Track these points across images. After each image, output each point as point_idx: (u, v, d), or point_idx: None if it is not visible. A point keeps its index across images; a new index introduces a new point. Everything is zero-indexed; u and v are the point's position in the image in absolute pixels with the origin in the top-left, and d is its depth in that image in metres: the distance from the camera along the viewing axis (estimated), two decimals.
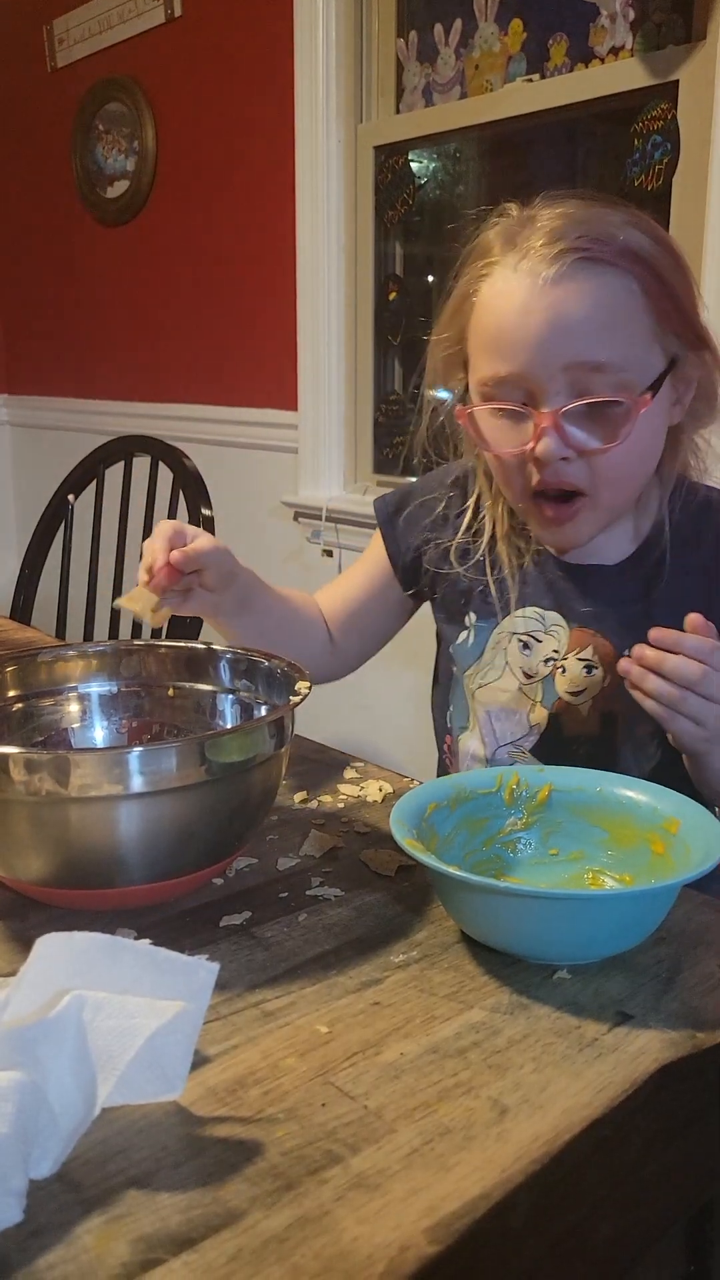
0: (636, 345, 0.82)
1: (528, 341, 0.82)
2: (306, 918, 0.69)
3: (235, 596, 0.96)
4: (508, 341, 0.83)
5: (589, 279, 0.81)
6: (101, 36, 2.78)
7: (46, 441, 3.30)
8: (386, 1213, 0.44)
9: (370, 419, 2.33)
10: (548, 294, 0.81)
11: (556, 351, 0.81)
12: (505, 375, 0.84)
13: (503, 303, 0.84)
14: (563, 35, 1.84)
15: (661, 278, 0.82)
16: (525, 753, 0.96)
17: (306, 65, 2.21)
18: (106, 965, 0.51)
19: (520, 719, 0.95)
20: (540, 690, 0.94)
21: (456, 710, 1.01)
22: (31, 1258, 0.42)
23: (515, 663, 0.96)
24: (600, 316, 0.81)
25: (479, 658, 0.98)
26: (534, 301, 0.81)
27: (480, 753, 0.99)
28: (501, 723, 0.97)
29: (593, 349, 0.81)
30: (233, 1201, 0.45)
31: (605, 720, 0.92)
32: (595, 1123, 0.50)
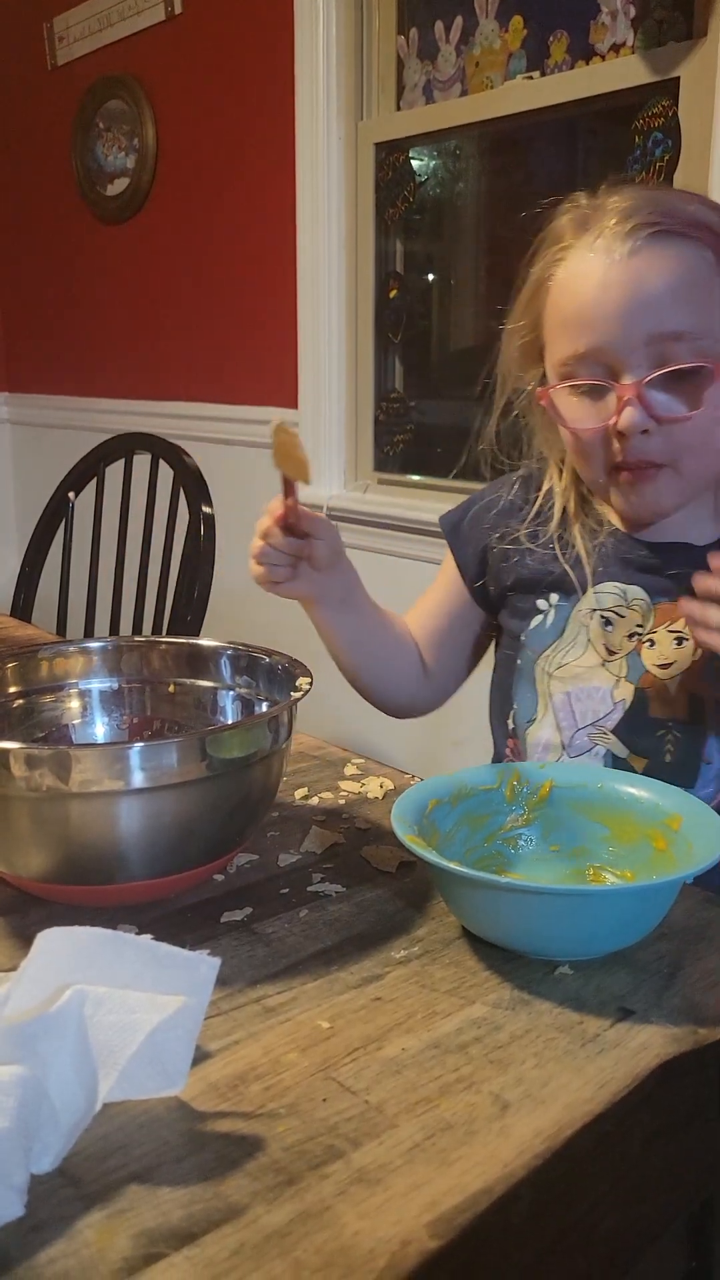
0: (715, 312, 0.83)
1: (608, 315, 0.83)
2: (307, 914, 0.69)
3: (340, 583, 0.96)
4: (588, 317, 0.85)
5: (665, 250, 0.82)
6: (102, 34, 2.78)
7: (47, 439, 3.29)
8: (388, 1208, 0.44)
9: (371, 417, 2.33)
10: (626, 267, 0.83)
11: (638, 323, 0.83)
12: (585, 351, 0.85)
13: (581, 282, 0.85)
14: (563, 32, 1.84)
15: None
16: (607, 733, 0.93)
17: (307, 62, 2.21)
18: (108, 960, 0.51)
19: (603, 696, 0.93)
20: (625, 665, 0.92)
21: (523, 704, 0.99)
22: (32, 1252, 0.42)
23: (597, 639, 0.94)
24: (678, 286, 0.82)
25: (559, 637, 0.97)
26: (612, 276, 0.83)
27: (555, 740, 0.96)
28: (582, 703, 0.94)
29: (673, 318, 0.82)
30: (234, 1196, 0.45)
31: (693, 704, 0.90)
32: (597, 1118, 0.50)
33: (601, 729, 0.93)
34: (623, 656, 0.93)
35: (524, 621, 0.99)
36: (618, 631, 0.93)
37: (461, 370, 2.26)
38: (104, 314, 3.01)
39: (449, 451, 2.28)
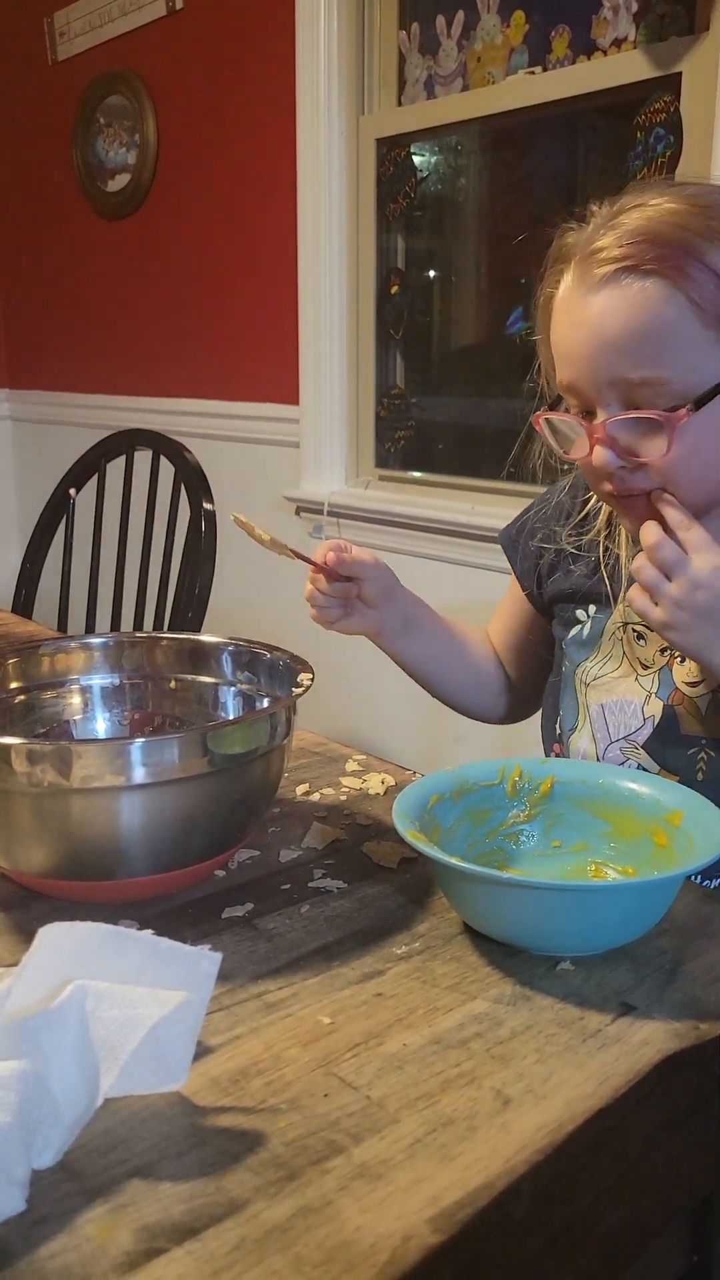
0: (687, 356, 0.79)
1: (576, 355, 0.82)
2: (309, 909, 0.69)
3: (399, 615, 0.97)
4: (563, 352, 0.84)
5: (630, 290, 0.78)
6: (102, 30, 2.77)
7: (48, 436, 3.29)
8: (389, 1202, 0.44)
9: (372, 413, 2.32)
10: (589, 307, 0.80)
11: (599, 366, 0.80)
12: (565, 383, 0.84)
13: (561, 313, 0.84)
14: (565, 27, 1.84)
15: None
16: (638, 748, 0.92)
17: (308, 57, 2.21)
18: (109, 955, 0.51)
19: (634, 711, 0.92)
20: (656, 681, 0.91)
21: (567, 712, 0.98)
22: (34, 1246, 0.42)
23: (630, 653, 0.94)
24: (639, 331, 0.78)
25: (595, 649, 0.96)
26: (578, 314, 0.81)
27: (592, 751, 0.95)
28: (614, 716, 0.94)
29: (633, 364, 0.79)
30: (235, 1191, 0.45)
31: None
32: (598, 1113, 0.50)
33: (633, 744, 0.92)
34: (654, 671, 0.92)
35: (566, 630, 0.99)
36: (650, 646, 0.92)
37: (463, 366, 2.26)
38: (105, 310, 3.01)
39: (450, 448, 2.28)
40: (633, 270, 0.78)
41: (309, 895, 0.70)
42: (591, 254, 0.80)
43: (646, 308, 0.78)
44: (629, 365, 0.79)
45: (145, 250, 2.81)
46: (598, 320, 0.79)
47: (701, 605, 0.77)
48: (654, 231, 0.78)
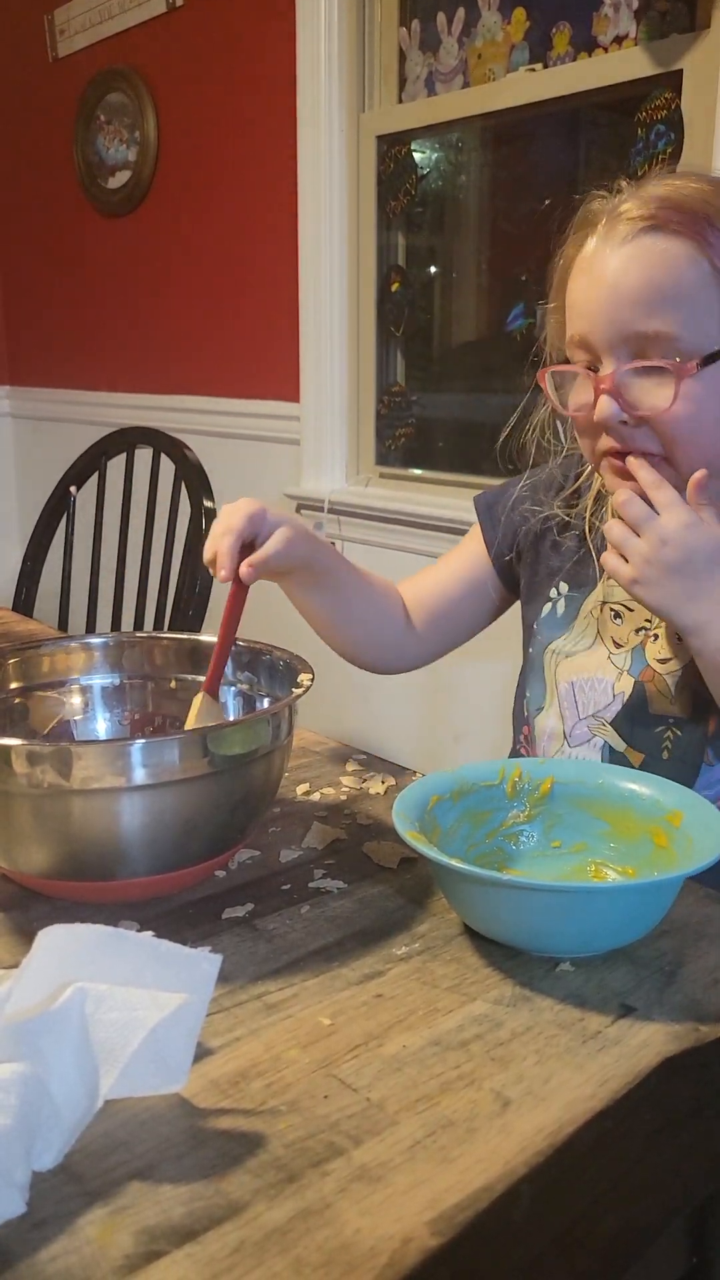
0: (700, 316, 0.81)
1: (593, 307, 0.84)
2: (309, 910, 0.69)
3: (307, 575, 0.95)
4: (580, 306, 0.85)
5: (653, 248, 0.81)
6: (102, 26, 2.77)
7: (48, 433, 3.29)
8: (389, 1205, 0.44)
9: (373, 410, 2.32)
10: (611, 261, 0.82)
11: (613, 318, 0.82)
12: (577, 338, 0.86)
13: (582, 269, 0.86)
14: (566, 24, 1.83)
15: None
16: (606, 725, 0.93)
17: (308, 55, 2.20)
18: (109, 957, 0.51)
19: (605, 688, 0.94)
20: (630, 659, 0.93)
21: (534, 693, 1.00)
22: (34, 1249, 0.42)
23: (606, 632, 0.95)
24: (658, 285, 0.80)
25: (569, 628, 0.98)
26: (599, 269, 0.83)
27: (559, 729, 0.96)
28: (584, 693, 0.95)
29: (645, 317, 0.81)
30: (235, 1193, 0.45)
31: (697, 703, 0.89)
32: (598, 1115, 0.50)
33: (601, 720, 0.94)
34: (628, 650, 0.93)
35: (536, 609, 1.00)
36: (627, 625, 0.94)
37: (464, 364, 2.26)
38: (105, 307, 3.00)
39: (451, 445, 2.28)
40: (657, 229, 0.80)
41: (309, 896, 0.70)
42: (617, 215, 0.82)
43: (667, 264, 0.80)
44: (643, 318, 0.81)
45: (146, 247, 2.81)
46: (618, 273, 0.81)
47: (669, 561, 0.79)
48: (681, 200, 0.81)
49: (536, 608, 1.00)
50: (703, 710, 0.89)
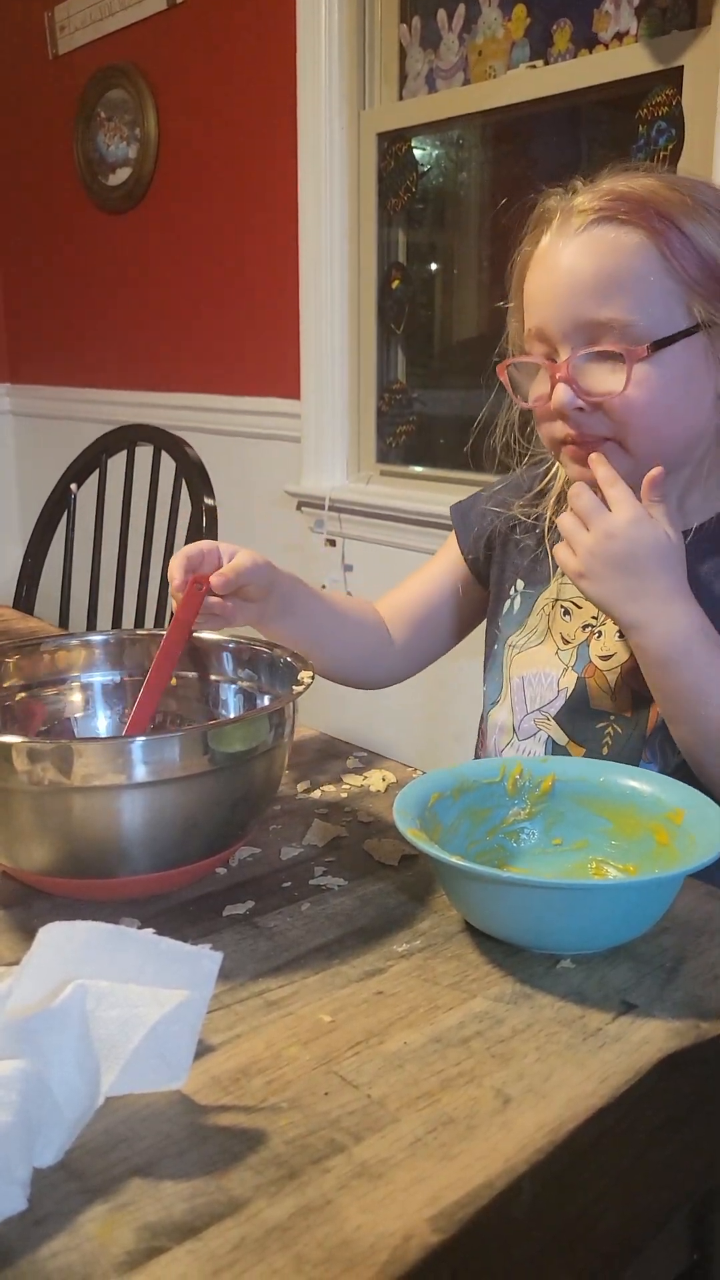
0: (651, 303, 0.83)
1: (548, 297, 0.86)
2: (309, 907, 0.69)
3: (277, 603, 0.96)
4: (536, 297, 0.88)
5: (603, 237, 0.83)
6: (103, 23, 2.77)
7: (49, 431, 3.29)
8: (390, 1202, 0.44)
9: (373, 408, 2.32)
10: (564, 252, 0.84)
11: (567, 307, 0.84)
12: (534, 330, 0.88)
13: (537, 262, 0.88)
14: (566, 21, 1.83)
15: (692, 240, 0.82)
16: (550, 720, 0.95)
17: (309, 51, 2.20)
18: (110, 954, 0.51)
19: (550, 683, 0.95)
20: (574, 655, 0.95)
21: (491, 687, 1.02)
22: (35, 1246, 0.42)
23: (556, 628, 0.97)
24: (609, 274, 0.82)
25: (522, 624, 1.00)
26: (552, 260, 0.85)
27: (509, 722, 0.98)
28: (532, 688, 0.97)
29: (598, 305, 0.83)
30: (236, 1190, 0.45)
31: (637, 701, 0.91)
32: (599, 1112, 0.50)
33: (545, 715, 0.96)
34: (574, 646, 0.95)
35: (499, 607, 1.03)
36: (575, 621, 0.96)
37: (464, 361, 2.26)
38: (106, 304, 3.00)
39: (452, 443, 2.28)
40: (610, 219, 0.83)
41: (310, 893, 0.70)
42: (570, 209, 0.85)
43: (619, 252, 0.82)
44: (596, 305, 0.83)
45: (146, 244, 2.80)
46: (571, 263, 0.84)
47: (614, 554, 0.81)
48: (631, 192, 0.83)
49: (499, 606, 1.03)
50: (642, 708, 0.90)
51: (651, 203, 0.82)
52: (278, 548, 2.52)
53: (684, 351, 0.84)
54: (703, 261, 0.83)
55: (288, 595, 0.97)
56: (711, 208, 0.84)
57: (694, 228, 0.83)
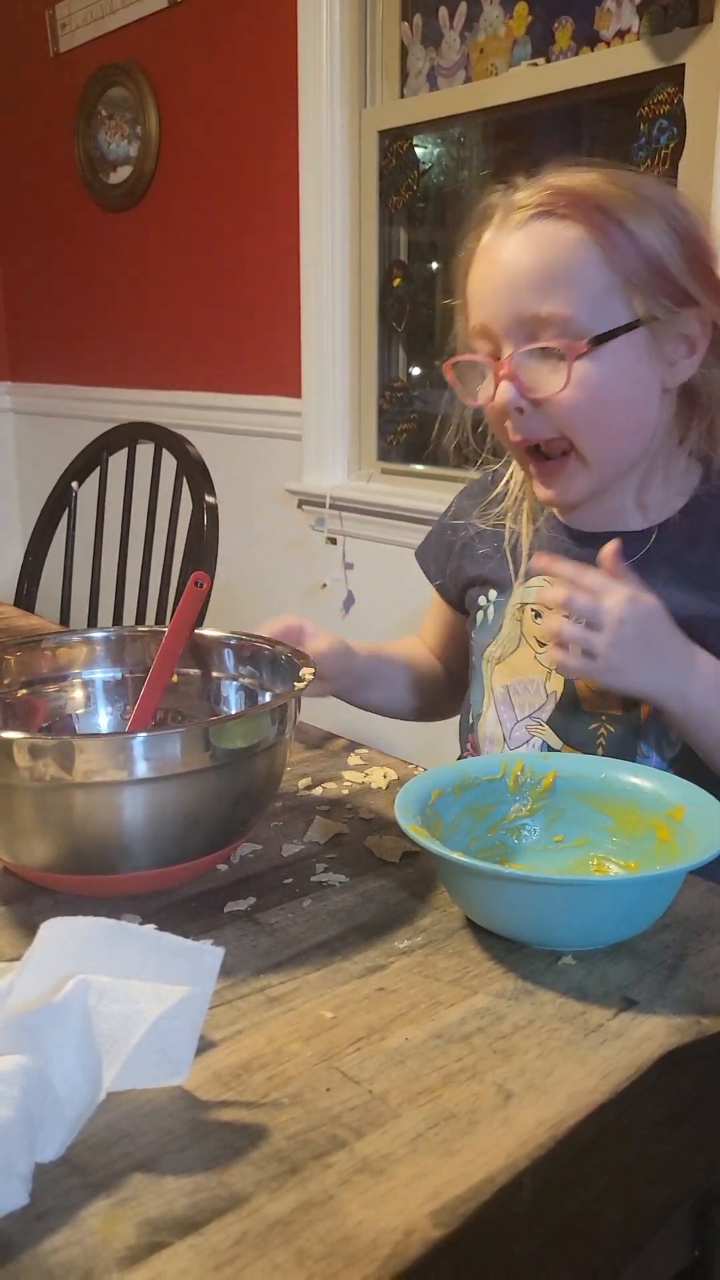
0: (591, 297, 0.83)
1: (489, 294, 0.86)
2: (311, 903, 0.69)
3: (352, 682, 1.00)
4: (477, 294, 0.88)
5: (544, 233, 0.83)
6: (104, 21, 2.77)
7: (50, 428, 3.29)
8: (391, 1197, 0.44)
9: (375, 406, 2.32)
10: (504, 248, 0.85)
11: (508, 302, 0.85)
12: (478, 326, 0.88)
13: (478, 259, 0.88)
14: (568, 19, 1.83)
15: (632, 234, 0.82)
16: (542, 725, 0.94)
17: (310, 49, 2.20)
18: (111, 950, 0.51)
19: (537, 688, 0.95)
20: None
21: (474, 700, 1.01)
22: (37, 1241, 0.42)
23: (530, 632, 0.96)
24: (548, 267, 0.83)
25: (498, 633, 0.99)
26: (493, 254, 0.86)
27: (498, 733, 0.98)
28: (520, 695, 0.96)
29: (538, 300, 0.83)
30: (238, 1185, 0.45)
31: (627, 701, 0.90)
32: (600, 1108, 0.50)
33: (537, 721, 0.95)
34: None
35: (473, 619, 1.03)
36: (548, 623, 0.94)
37: None
38: (107, 302, 3.00)
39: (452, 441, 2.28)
40: (549, 214, 0.83)
41: (311, 889, 0.70)
42: (512, 204, 0.85)
43: (558, 246, 0.83)
44: (536, 299, 0.83)
45: (147, 243, 2.80)
46: (511, 258, 0.84)
47: (631, 638, 0.79)
48: (571, 186, 0.84)
49: (474, 617, 1.03)
50: (633, 704, 0.90)
51: (591, 197, 0.82)
52: (279, 546, 2.52)
53: (625, 347, 0.84)
54: (644, 256, 0.83)
55: (363, 673, 1.01)
56: (653, 202, 0.84)
57: (635, 222, 0.82)
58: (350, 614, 2.38)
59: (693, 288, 0.84)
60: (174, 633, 0.83)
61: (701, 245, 0.85)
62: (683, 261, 0.84)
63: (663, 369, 0.87)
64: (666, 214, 0.84)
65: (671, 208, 0.84)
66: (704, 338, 0.87)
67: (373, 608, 2.32)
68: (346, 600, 2.38)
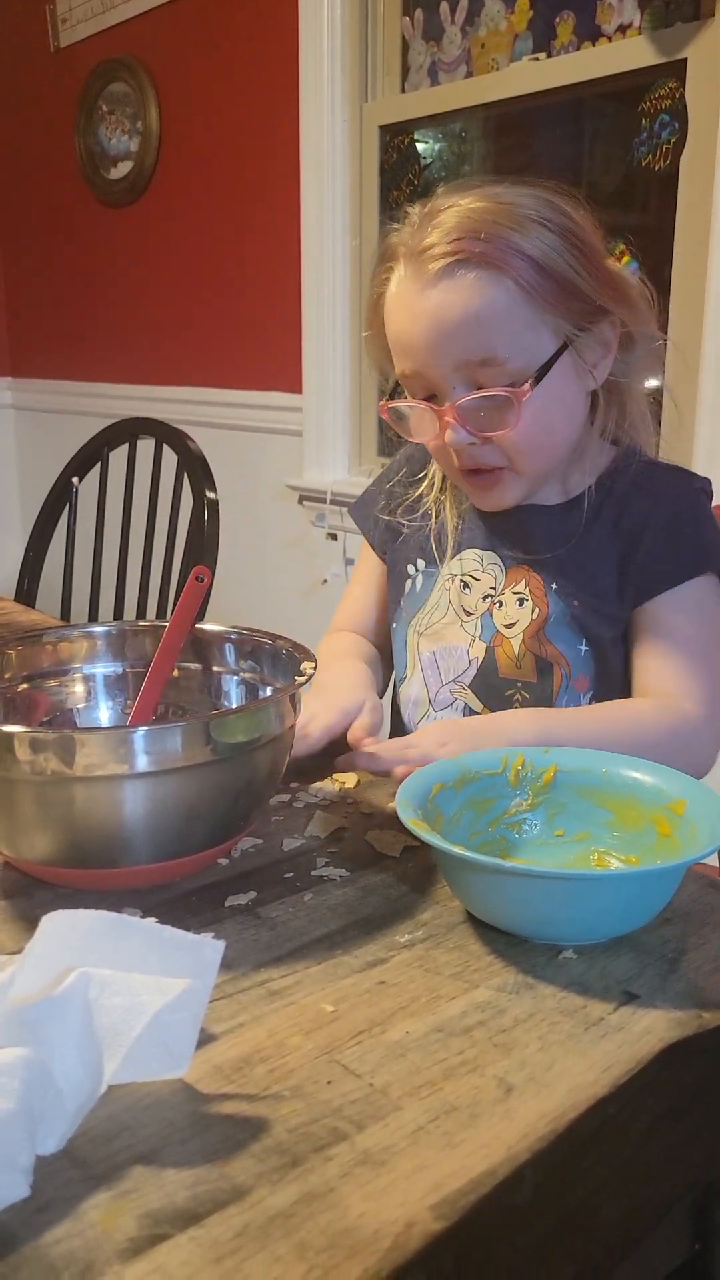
0: (520, 335, 0.87)
1: (418, 345, 0.89)
2: (312, 898, 0.69)
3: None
4: (404, 344, 0.91)
5: (463, 280, 0.86)
6: (105, 16, 2.76)
7: (51, 424, 3.29)
8: (392, 1189, 0.44)
9: (375, 402, 2.32)
10: (427, 300, 0.87)
11: (444, 352, 0.88)
12: (409, 373, 0.92)
13: (396, 308, 0.91)
14: (569, 13, 1.82)
15: (543, 267, 0.86)
16: (465, 689, 0.99)
17: (311, 44, 2.20)
18: (113, 943, 0.51)
19: (461, 654, 1.00)
20: (479, 625, 0.99)
21: (398, 665, 1.07)
22: (38, 1233, 0.42)
23: (456, 602, 1.01)
24: (477, 315, 0.86)
25: (424, 602, 1.04)
26: (417, 307, 0.88)
27: (423, 696, 1.03)
28: (445, 660, 1.01)
29: (473, 347, 0.87)
30: (239, 1178, 0.45)
31: (541, 667, 0.96)
32: (601, 1101, 0.50)
33: (460, 684, 1.00)
34: (477, 617, 0.99)
35: (399, 587, 1.07)
36: (474, 594, 1.00)
37: None
38: (108, 298, 3.00)
39: None
40: (463, 263, 0.86)
41: (312, 884, 0.71)
42: (421, 251, 0.88)
43: (479, 295, 0.86)
44: (469, 349, 0.87)
45: (148, 238, 2.80)
46: (436, 311, 0.87)
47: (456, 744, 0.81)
48: (473, 227, 0.86)
49: (400, 586, 1.07)
50: (546, 674, 0.96)
51: (494, 234, 0.85)
52: (279, 541, 2.52)
53: (557, 372, 0.89)
54: (554, 283, 0.86)
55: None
56: (549, 222, 0.87)
57: (539, 250, 0.86)
58: None
59: (601, 297, 0.88)
60: (175, 627, 0.83)
61: (596, 250, 0.89)
62: (586, 273, 0.88)
63: (586, 376, 0.92)
64: (562, 228, 0.87)
65: (563, 220, 0.88)
66: (615, 337, 0.92)
67: None
68: None
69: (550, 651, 0.96)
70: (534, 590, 0.97)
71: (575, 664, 0.95)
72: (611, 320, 0.90)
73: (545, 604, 0.96)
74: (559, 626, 0.95)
